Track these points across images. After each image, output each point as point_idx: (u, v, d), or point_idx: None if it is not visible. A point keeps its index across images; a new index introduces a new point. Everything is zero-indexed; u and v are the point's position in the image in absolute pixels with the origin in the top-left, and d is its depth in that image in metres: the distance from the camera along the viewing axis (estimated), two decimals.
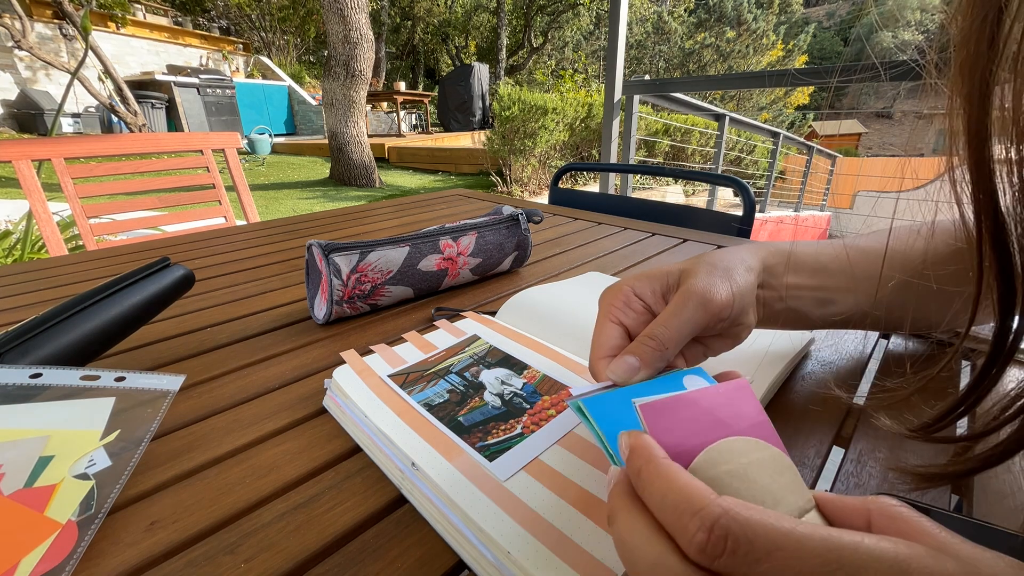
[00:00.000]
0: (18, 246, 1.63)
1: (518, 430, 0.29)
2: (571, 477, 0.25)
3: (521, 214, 0.60)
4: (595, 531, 0.22)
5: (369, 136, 6.55)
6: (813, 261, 0.33)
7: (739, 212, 0.90)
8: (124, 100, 6.54)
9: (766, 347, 0.38)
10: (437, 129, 10.17)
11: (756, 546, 0.14)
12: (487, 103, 9.72)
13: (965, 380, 0.37)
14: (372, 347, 0.39)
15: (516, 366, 0.36)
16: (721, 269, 0.28)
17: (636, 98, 2.21)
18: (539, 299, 0.47)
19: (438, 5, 17.47)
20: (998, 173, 0.17)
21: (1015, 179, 0.16)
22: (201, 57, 10.17)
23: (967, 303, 0.19)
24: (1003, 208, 0.17)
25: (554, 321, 0.42)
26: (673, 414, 0.20)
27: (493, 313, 0.46)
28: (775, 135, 4.17)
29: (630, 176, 3.06)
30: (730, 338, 0.29)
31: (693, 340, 0.27)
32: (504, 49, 15.91)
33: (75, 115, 7.29)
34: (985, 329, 0.20)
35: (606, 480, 0.19)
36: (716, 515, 0.14)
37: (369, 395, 0.32)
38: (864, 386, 0.37)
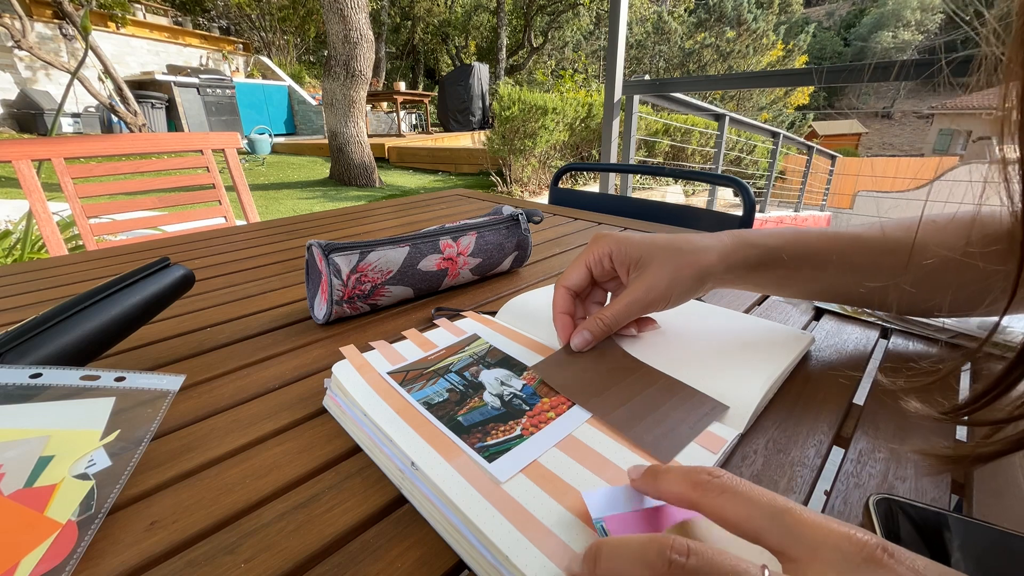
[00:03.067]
0: (18, 246, 1.63)
1: (517, 432, 0.29)
2: (570, 482, 0.25)
3: (521, 214, 0.60)
4: (593, 538, 0.22)
5: (369, 136, 6.55)
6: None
7: (739, 212, 0.90)
8: (124, 100, 6.54)
9: (766, 347, 0.38)
10: (437, 129, 10.17)
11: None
12: (487, 103, 9.72)
13: (965, 380, 0.37)
14: (372, 343, 0.39)
15: (516, 367, 0.36)
16: (675, 266, 0.35)
17: (636, 98, 2.21)
18: (539, 300, 0.47)
19: (438, 5, 17.47)
20: None
21: None
22: (201, 57, 10.17)
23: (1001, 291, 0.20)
24: None
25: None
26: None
27: (493, 313, 0.46)
28: (775, 135, 4.18)
29: (630, 176, 3.06)
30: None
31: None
32: (504, 49, 15.91)
33: (75, 115, 7.29)
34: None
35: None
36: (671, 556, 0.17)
37: (368, 392, 0.32)
38: (865, 387, 0.37)
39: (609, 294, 0.41)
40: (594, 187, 5.52)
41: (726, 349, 0.38)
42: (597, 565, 0.17)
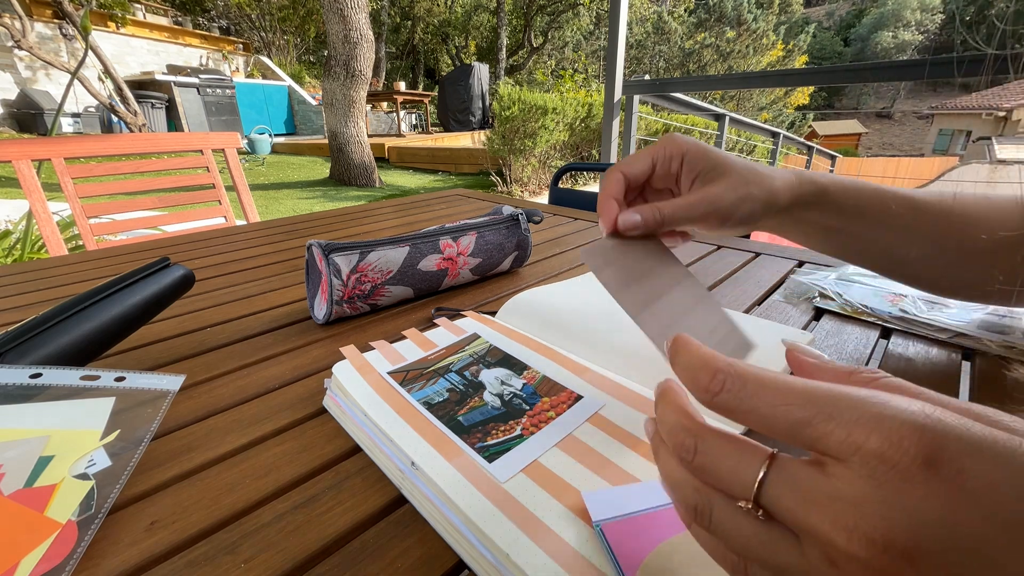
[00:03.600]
0: (18, 246, 1.63)
1: (517, 431, 0.29)
2: (570, 481, 0.25)
3: (521, 214, 0.60)
4: (592, 537, 0.22)
5: (369, 136, 6.55)
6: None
7: None
8: (124, 100, 6.54)
9: (765, 347, 0.38)
10: (437, 129, 10.17)
11: (747, 384, 0.16)
12: (487, 103, 9.71)
13: (966, 380, 0.37)
14: (372, 343, 0.39)
15: (516, 366, 0.36)
16: (747, 183, 0.32)
17: (636, 98, 2.21)
18: (539, 299, 0.47)
19: (438, 5, 17.47)
20: None
21: None
22: (201, 57, 10.17)
23: None
24: None
25: (554, 322, 0.42)
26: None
27: (493, 313, 0.46)
28: (775, 135, 4.18)
29: None
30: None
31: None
32: (504, 49, 15.91)
33: (75, 115, 7.29)
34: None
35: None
36: (719, 366, 0.17)
37: (368, 392, 0.32)
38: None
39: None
40: (594, 187, 5.52)
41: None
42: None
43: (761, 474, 0.15)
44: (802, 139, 5.04)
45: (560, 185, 1.21)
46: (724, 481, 0.16)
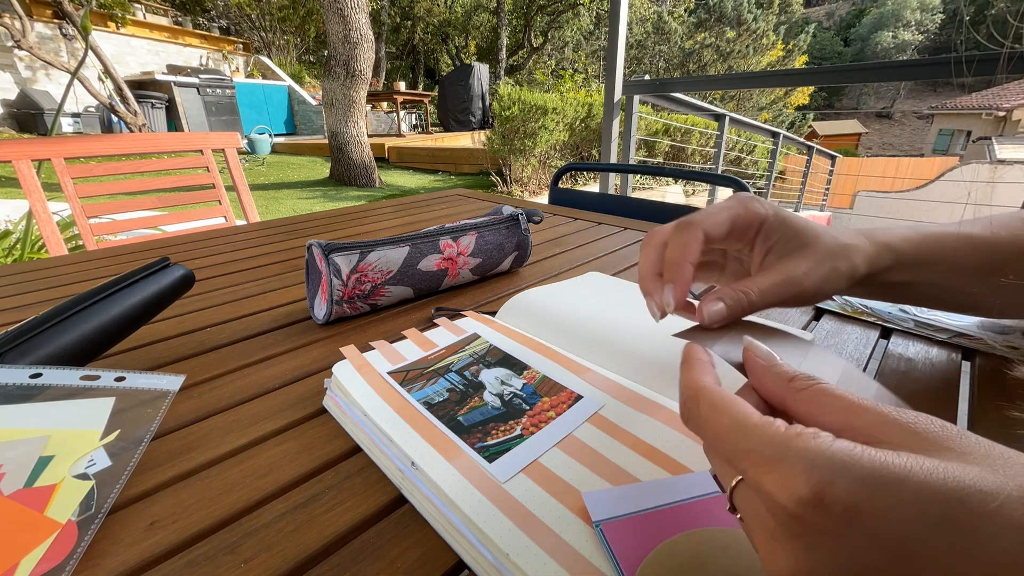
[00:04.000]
0: (18, 246, 1.63)
1: (517, 431, 0.29)
2: (570, 482, 0.25)
3: (521, 214, 0.60)
4: (592, 537, 0.22)
5: (369, 136, 6.55)
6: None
7: None
8: (124, 100, 6.54)
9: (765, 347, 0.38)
10: (437, 129, 10.17)
11: (701, 411, 0.18)
12: (487, 103, 9.71)
13: (966, 380, 0.37)
14: (372, 343, 0.39)
15: (516, 366, 0.36)
16: (832, 258, 0.29)
17: (636, 98, 2.21)
18: (539, 300, 0.47)
19: (438, 5, 17.47)
20: None
21: None
22: (201, 57, 10.17)
23: None
24: None
25: (554, 322, 0.42)
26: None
27: (493, 313, 0.46)
28: (775, 135, 4.17)
29: (630, 176, 3.06)
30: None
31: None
32: (504, 49, 15.91)
33: (75, 115, 7.29)
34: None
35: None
36: (693, 391, 0.19)
37: (368, 392, 0.32)
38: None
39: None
40: (594, 187, 5.52)
41: None
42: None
43: (733, 483, 0.17)
44: (802, 139, 5.04)
45: (560, 185, 1.21)
46: (719, 474, 0.18)
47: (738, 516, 0.17)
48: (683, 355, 0.22)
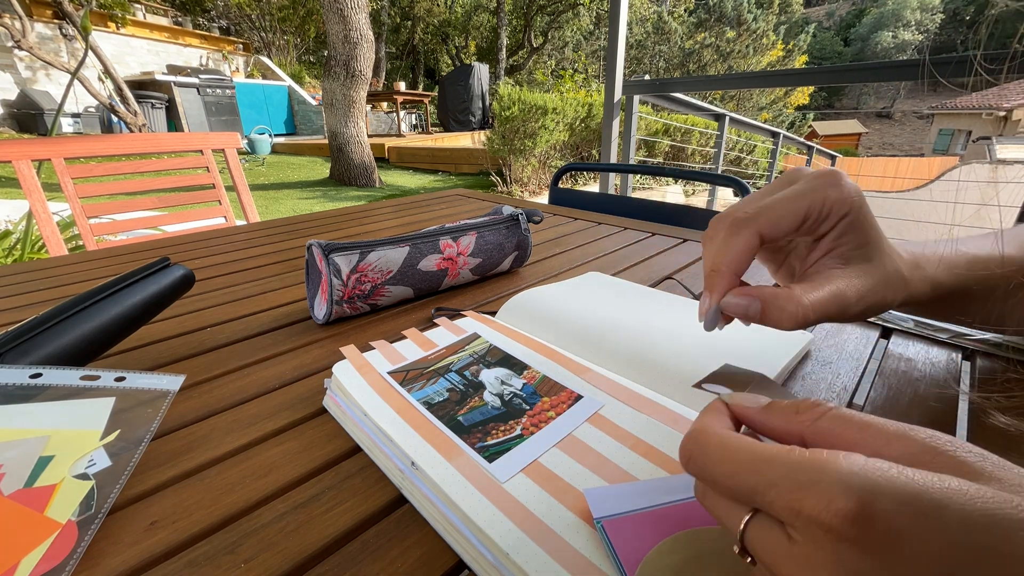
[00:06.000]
0: (18, 246, 1.63)
1: (517, 431, 0.29)
2: (570, 482, 0.25)
3: (521, 214, 0.60)
4: (592, 536, 0.22)
5: (369, 136, 6.55)
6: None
7: None
8: (124, 100, 6.54)
9: (765, 347, 0.38)
10: (437, 129, 10.17)
11: (707, 454, 0.17)
12: (487, 103, 9.72)
13: (966, 380, 0.37)
14: (372, 343, 0.39)
15: (516, 366, 0.36)
16: (888, 277, 0.26)
17: (636, 98, 2.21)
18: (539, 299, 0.47)
19: (438, 5, 17.47)
20: None
21: None
22: (201, 57, 10.17)
23: None
24: None
25: (554, 321, 0.42)
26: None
27: (493, 313, 0.46)
28: (775, 135, 4.18)
29: (630, 176, 3.06)
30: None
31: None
32: (504, 49, 15.91)
33: (75, 115, 7.29)
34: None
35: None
36: (691, 435, 0.18)
37: (369, 392, 0.32)
38: (865, 387, 0.37)
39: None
40: (594, 187, 5.52)
41: (725, 348, 0.38)
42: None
43: (743, 523, 0.16)
44: (802, 139, 5.04)
45: (560, 185, 1.21)
46: (722, 519, 0.17)
47: (748, 559, 0.16)
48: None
